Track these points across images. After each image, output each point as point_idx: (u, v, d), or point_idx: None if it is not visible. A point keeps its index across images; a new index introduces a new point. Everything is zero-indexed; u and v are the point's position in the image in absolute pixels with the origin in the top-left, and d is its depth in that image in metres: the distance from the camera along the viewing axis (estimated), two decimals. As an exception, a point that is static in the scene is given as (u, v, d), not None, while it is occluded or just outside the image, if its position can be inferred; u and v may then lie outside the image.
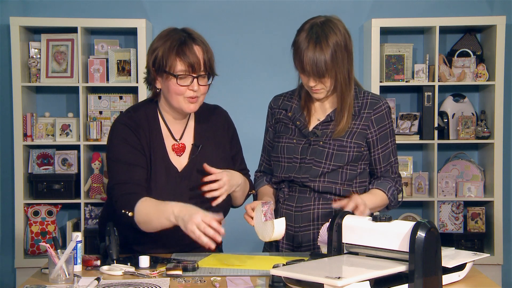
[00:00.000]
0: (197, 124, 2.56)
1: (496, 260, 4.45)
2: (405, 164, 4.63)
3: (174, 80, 2.39)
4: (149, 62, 2.44)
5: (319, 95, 2.50)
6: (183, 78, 2.39)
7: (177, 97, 2.41)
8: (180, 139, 2.52)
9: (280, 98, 2.66)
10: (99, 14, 4.58)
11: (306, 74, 2.44)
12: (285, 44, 4.56)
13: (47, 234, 4.44)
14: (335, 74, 2.43)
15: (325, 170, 2.49)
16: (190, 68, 2.39)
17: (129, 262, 2.30)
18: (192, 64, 2.38)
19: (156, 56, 2.40)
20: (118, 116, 2.53)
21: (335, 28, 2.44)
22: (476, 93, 4.75)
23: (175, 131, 2.52)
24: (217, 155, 2.53)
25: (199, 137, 2.53)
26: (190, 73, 2.39)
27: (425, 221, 1.92)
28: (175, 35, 2.42)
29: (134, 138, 2.43)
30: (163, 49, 2.39)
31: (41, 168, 4.49)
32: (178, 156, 2.50)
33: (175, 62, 2.38)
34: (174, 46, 2.39)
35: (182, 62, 2.38)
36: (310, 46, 2.40)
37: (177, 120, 2.52)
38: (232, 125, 2.66)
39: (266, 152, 2.70)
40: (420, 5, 4.69)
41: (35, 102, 4.66)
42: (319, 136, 2.53)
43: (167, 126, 2.51)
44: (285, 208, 2.56)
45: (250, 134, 4.59)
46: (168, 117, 2.51)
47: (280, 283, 1.98)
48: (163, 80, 2.42)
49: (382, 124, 2.53)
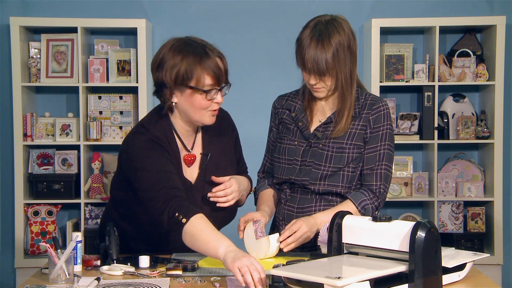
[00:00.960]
0: (205, 133, 2.53)
1: (496, 260, 4.46)
2: (405, 164, 4.63)
3: (201, 95, 2.33)
4: (165, 78, 2.34)
5: (320, 94, 2.49)
6: (210, 92, 2.34)
7: (201, 111, 2.36)
8: (192, 149, 2.50)
9: (284, 98, 2.66)
10: (99, 14, 4.58)
11: (307, 72, 2.45)
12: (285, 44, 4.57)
13: (47, 234, 4.44)
14: (336, 73, 2.43)
15: (325, 172, 2.49)
16: (217, 81, 2.35)
17: (129, 262, 2.30)
18: (218, 77, 2.34)
19: (179, 72, 2.31)
20: (133, 130, 2.45)
21: (339, 28, 2.43)
22: (476, 93, 4.75)
23: (187, 142, 2.49)
24: (225, 161, 2.54)
25: (207, 146, 2.52)
26: (216, 86, 2.35)
27: (425, 221, 1.92)
28: (192, 47, 2.34)
29: (161, 150, 2.37)
30: (186, 63, 2.31)
31: (41, 168, 4.49)
32: (188, 167, 2.48)
33: (202, 76, 2.31)
34: (199, 60, 2.31)
35: (210, 76, 2.32)
36: (312, 44, 2.40)
37: (189, 132, 2.48)
38: (235, 128, 2.66)
39: (270, 152, 2.70)
40: (420, 5, 4.69)
41: (35, 102, 4.66)
42: (319, 138, 2.52)
43: (180, 139, 2.47)
44: (287, 209, 2.57)
45: (250, 134, 4.60)
46: (181, 130, 2.46)
47: (280, 283, 1.98)
48: (183, 95, 2.35)
49: (377, 124, 2.51)
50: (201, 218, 2.22)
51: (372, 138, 2.51)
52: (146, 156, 2.34)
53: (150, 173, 2.31)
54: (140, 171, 2.33)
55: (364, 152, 2.51)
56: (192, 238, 2.19)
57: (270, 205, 2.62)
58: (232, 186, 2.44)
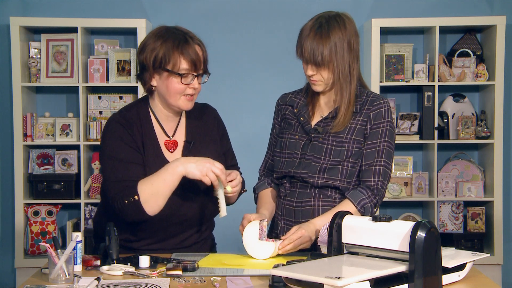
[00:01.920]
0: (189, 121, 2.59)
1: (496, 260, 4.46)
2: (405, 164, 4.63)
3: (176, 78, 2.41)
4: (145, 60, 2.44)
5: (317, 87, 2.52)
6: (186, 77, 2.41)
7: (176, 95, 2.44)
8: (173, 136, 2.55)
9: (288, 96, 2.70)
10: (99, 14, 4.58)
11: (305, 61, 2.50)
12: (285, 44, 4.58)
13: (47, 234, 4.44)
14: (333, 66, 2.46)
15: (324, 166, 2.50)
16: (193, 67, 2.42)
17: (129, 262, 2.30)
18: (194, 63, 2.42)
19: (157, 55, 2.41)
20: (111, 115, 2.56)
21: (341, 23, 2.47)
22: (476, 93, 4.76)
23: (167, 128, 2.54)
24: (209, 151, 2.56)
25: (191, 134, 2.57)
26: (192, 71, 2.42)
27: (425, 221, 1.92)
28: (174, 33, 2.44)
29: (128, 136, 2.46)
30: (165, 47, 2.41)
31: (41, 168, 4.49)
32: (170, 152, 2.52)
33: (178, 60, 2.40)
34: (177, 45, 2.41)
35: (186, 60, 2.41)
36: (311, 34, 2.46)
37: (169, 118, 2.54)
38: (222, 122, 2.70)
39: (271, 149, 2.72)
40: (420, 5, 4.69)
41: (35, 102, 4.67)
42: (320, 132, 2.54)
43: (160, 124, 2.53)
44: (286, 204, 2.58)
45: (250, 134, 4.61)
46: (161, 115, 2.53)
47: (280, 283, 1.98)
48: (161, 78, 2.44)
49: (378, 121, 2.52)
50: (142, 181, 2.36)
51: (372, 134, 2.52)
52: (113, 144, 2.45)
53: (113, 162, 2.43)
54: (106, 158, 2.46)
55: (363, 148, 2.52)
56: (154, 196, 2.35)
57: (269, 208, 2.62)
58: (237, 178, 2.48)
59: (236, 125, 4.51)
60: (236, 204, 2.67)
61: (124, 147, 2.44)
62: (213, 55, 2.41)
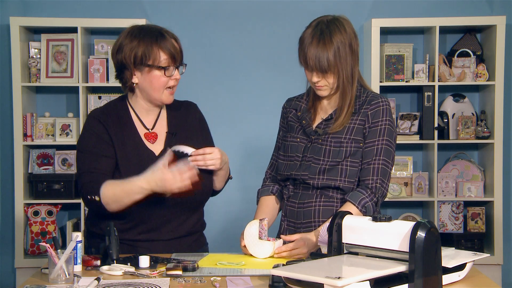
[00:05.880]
0: (169, 113, 2.66)
1: (496, 260, 4.46)
2: (405, 164, 4.64)
3: (160, 72, 2.50)
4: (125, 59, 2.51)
5: (323, 92, 2.53)
6: (168, 69, 2.50)
7: (160, 89, 2.52)
8: (153, 129, 2.61)
9: (293, 100, 2.72)
10: (99, 14, 4.58)
11: (309, 69, 2.50)
12: (285, 44, 4.57)
13: (47, 234, 4.44)
14: (338, 71, 2.47)
15: (324, 166, 2.51)
16: (173, 59, 2.51)
17: (129, 262, 2.30)
18: (173, 55, 2.51)
19: (137, 52, 2.48)
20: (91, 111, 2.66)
21: (340, 27, 2.49)
22: (476, 93, 4.75)
23: (146, 121, 2.61)
24: (191, 142, 2.60)
25: (172, 126, 2.63)
26: (172, 63, 2.51)
27: (425, 221, 1.92)
28: (149, 31, 2.53)
29: (102, 130, 2.54)
30: (143, 44, 2.49)
31: (41, 168, 4.49)
32: (152, 143, 2.58)
33: (158, 55, 2.49)
34: (155, 40, 2.49)
35: (165, 54, 2.49)
36: (314, 42, 2.46)
37: (149, 112, 2.61)
38: (203, 116, 2.75)
39: (277, 151, 2.74)
40: (420, 5, 4.69)
41: (35, 102, 4.67)
42: (320, 134, 2.56)
43: (138, 117, 2.60)
44: (289, 205, 2.60)
45: (250, 133, 4.61)
46: (140, 109, 2.61)
47: (280, 283, 1.98)
48: (143, 75, 2.51)
49: (376, 119, 2.53)
50: (107, 184, 2.43)
51: (371, 132, 2.53)
52: (87, 138, 2.55)
53: (83, 155, 2.53)
54: (79, 152, 2.56)
55: (363, 147, 2.52)
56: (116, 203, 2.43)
57: (269, 217, 2.63)
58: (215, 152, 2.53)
59: (236, 126, 4.51)
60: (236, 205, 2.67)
61: (95, 140, 2.52)
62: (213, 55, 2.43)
